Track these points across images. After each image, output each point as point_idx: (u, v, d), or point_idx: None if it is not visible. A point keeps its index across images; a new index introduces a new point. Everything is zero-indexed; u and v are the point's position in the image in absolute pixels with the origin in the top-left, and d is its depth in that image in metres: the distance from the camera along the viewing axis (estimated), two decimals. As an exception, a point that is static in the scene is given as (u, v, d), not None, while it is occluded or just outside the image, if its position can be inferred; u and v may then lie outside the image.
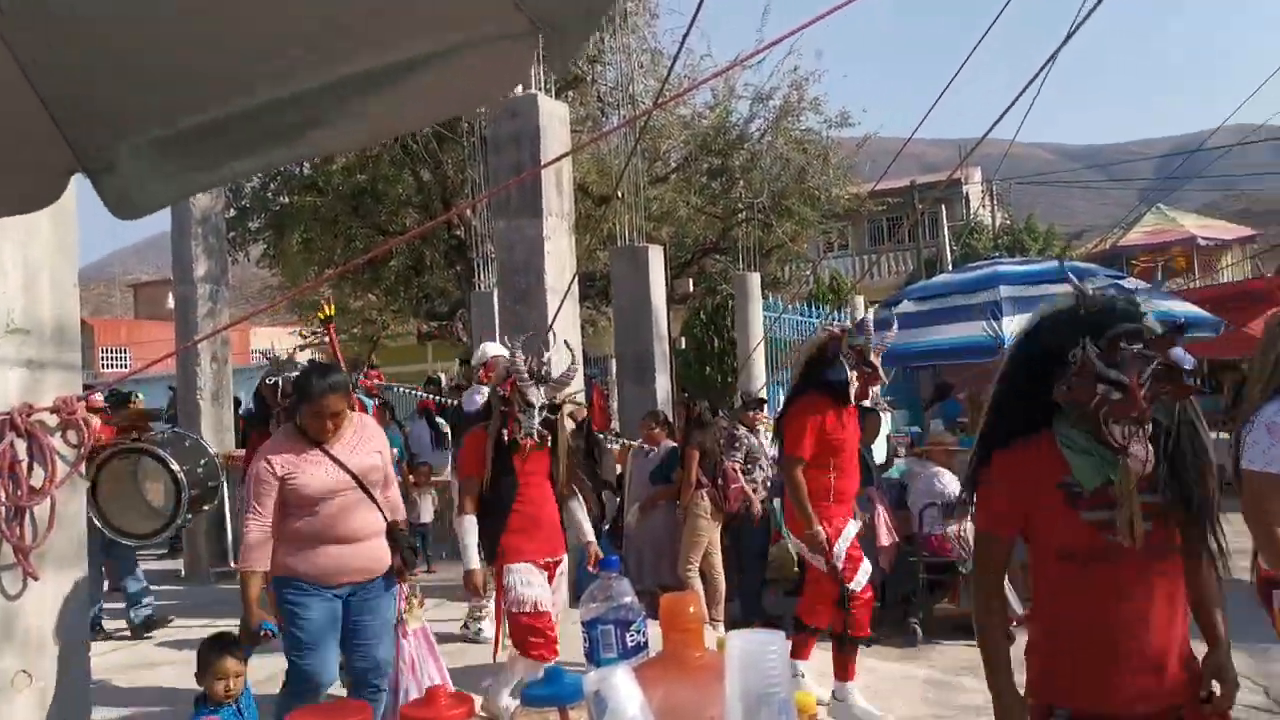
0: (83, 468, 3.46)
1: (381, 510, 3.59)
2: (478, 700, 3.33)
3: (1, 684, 3.14)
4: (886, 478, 7.03)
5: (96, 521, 5.91)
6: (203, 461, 6.22)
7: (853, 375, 4.49)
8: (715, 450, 6.47)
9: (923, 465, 6.75)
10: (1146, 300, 6.54)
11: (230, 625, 6.54)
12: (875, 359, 4.57)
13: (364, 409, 5.57)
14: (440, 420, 11.19)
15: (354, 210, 14.71)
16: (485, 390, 5.54)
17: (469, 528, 4.08)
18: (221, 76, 1.53)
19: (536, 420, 4.01)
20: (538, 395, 4.02)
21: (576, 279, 7.43)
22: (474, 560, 4.04)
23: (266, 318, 35.31)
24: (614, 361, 11.19)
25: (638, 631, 1.54)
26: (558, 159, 6.84)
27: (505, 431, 4.03)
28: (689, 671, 1.30)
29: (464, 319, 14.16)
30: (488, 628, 5.90)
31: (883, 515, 6.29)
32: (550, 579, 4.10)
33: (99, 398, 6.53)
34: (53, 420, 3.30)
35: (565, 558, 4.28)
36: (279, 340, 36.02)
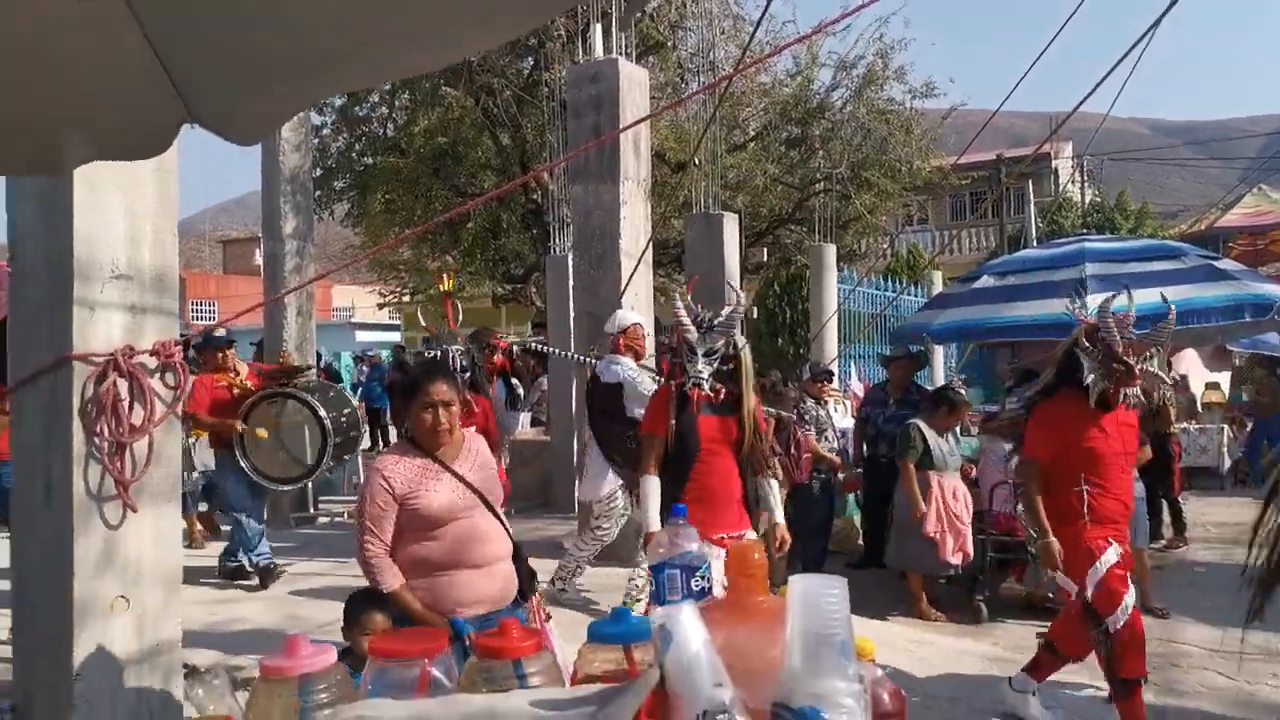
0: (179, 408, 3.65)
1: (507, 530, 3.23)
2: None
3: (102, 607, 3.35)
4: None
5: (243, 464, 6.12)
6: (346, 410, 6.38)
7: (1095, 376, 3.90)
8: (789, 419, 6.49)
9: (994, 443, 6.65)
10: (1243, 283, 6.14)
11: (310, 569, 6.80)
12: (1131, 356, 3.88)
13: (503, 364, 5.49)
14: (515, 381, 11.38)
15: (435, 172, 14.95)
16: (622, 361, 5.36)
17: (652, 488, 3.77)
18: (329, 28, 1.60)
19: (703, 368, 3.73)
20: (703, 342, 3.76)
21: (651, 245, 7.47)
22: (655, 522, 3.72)
23: (347, 276, 36.19)
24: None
25: (702, 577, 1.59)
26: (637, 123, 6.85)
27: (674, 383, 3.80)
28: (752, 614, 1.35)
29: (538, 283, 14.33)
30: (571, 590, 5.74)
31: (936, 501, 6.12)
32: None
33: (234, 350, 6.75)
34: (152, 363, 3.48)
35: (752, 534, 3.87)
36: (359, 299, 36.95)
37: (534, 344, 7.79)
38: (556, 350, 7.84)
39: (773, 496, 3.98)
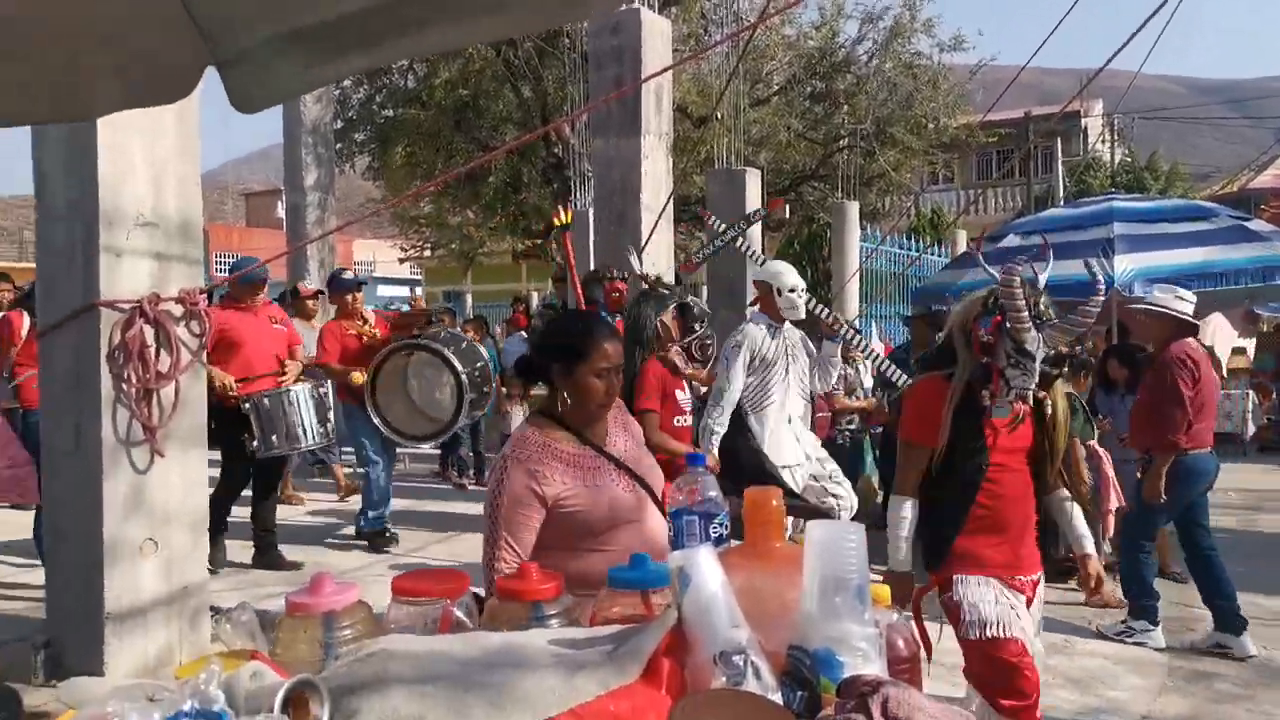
0: (204, 356, 3.70)
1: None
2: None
3: (131, 549, 3.43)
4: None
5: (375, 420, 5.84)
6: (478, 365, 6.01)
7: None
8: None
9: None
10: (1274, 244, 5.97)
11: (344, 519, 6.77)
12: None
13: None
14: (535, 337, 11.36)
15: (456, 125, 14.89)
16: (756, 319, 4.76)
17: (905, 514, 2.88)
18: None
19: (1035, 379, 2.75)
20: (1037, 343, 2.75)
21: (672, 200, 7.42)
22: (905, 556, 2.88)
23: (369, 230, 36.23)
24: (705, 286, 11.18)
25: (721, 524, 1.61)
26: (658, 73, 6.78)
27: (989, 392, 2.78)
28: (770, 559, 1.37)
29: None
30: None
31: (1110, 476, 5.78)
32: (1028, 603, 2.82)
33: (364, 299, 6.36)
34: (177, 310, 3.52)
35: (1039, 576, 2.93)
36: (380, 252, 37.02)
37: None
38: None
39: (1076, 513, 3.00)
